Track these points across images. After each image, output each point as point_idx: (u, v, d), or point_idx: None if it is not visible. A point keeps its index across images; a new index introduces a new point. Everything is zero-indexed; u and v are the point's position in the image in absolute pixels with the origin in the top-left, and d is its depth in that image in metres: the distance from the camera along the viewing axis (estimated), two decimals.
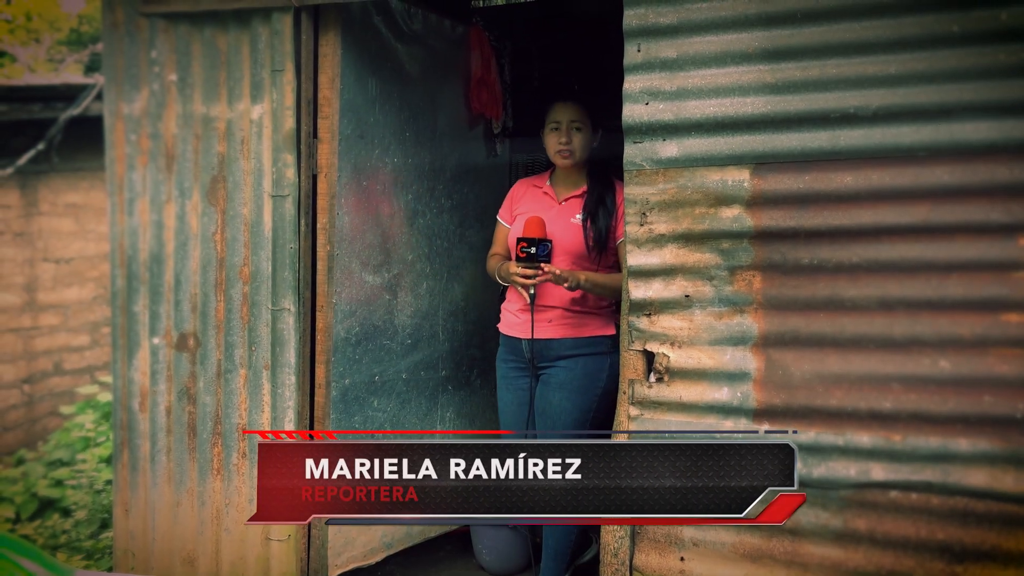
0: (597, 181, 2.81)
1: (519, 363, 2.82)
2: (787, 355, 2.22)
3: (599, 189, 2.79)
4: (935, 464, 2.09)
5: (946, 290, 2.08)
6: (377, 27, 2.99)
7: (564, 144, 2.76)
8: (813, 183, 2.17)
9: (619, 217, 2.73)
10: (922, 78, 2.07)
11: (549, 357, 2.75)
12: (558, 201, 2.82)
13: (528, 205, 2.85)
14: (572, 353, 2.73)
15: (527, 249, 2.58)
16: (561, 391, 2.72)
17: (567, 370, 2.73)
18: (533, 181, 2.94)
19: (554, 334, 2.74)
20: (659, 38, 2.29)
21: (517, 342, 2.80)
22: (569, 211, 2.79)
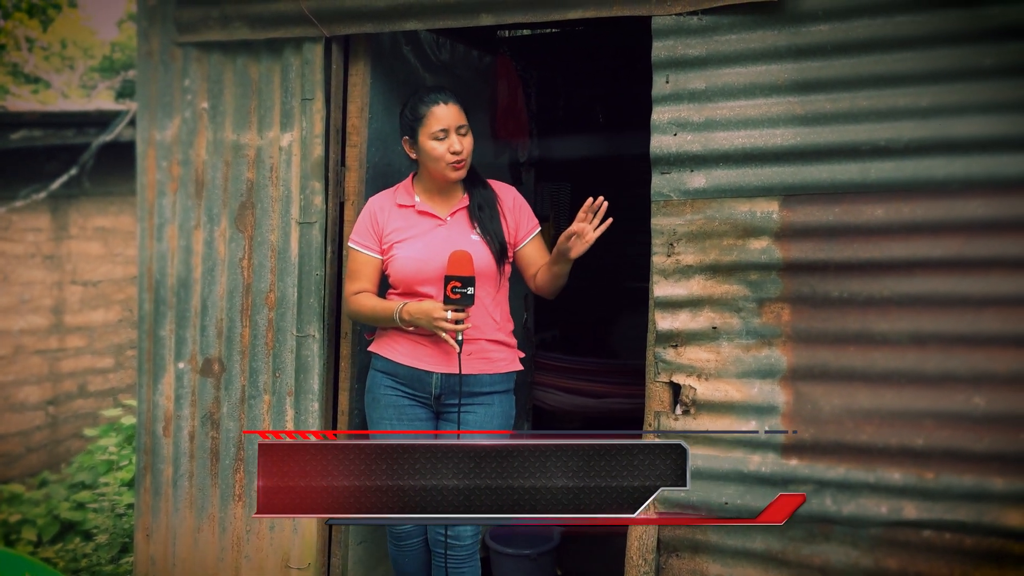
0: (473, 185, 2.51)
1: (418, 397, 2.46)
2: (816, 389, 2.18)
3: (479, 194, 2.49)
4: (970, 503, 2.04)
5: (981, 325, 2.04)
6: (406, 57, 3.02)
7: (457, 154, 2.38)
8: (843, 215, 2.15)
9: (515, 219, 2.51)
10: (955, 110, 2.06)
11: (465, 395, 2.40)
12: (443, 219, 2.47)
13: (405, 228, 2.46)
14: (489, 391, 2.45)
15: (461, 290, 2.23)
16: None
17: (486, 408, 2.44)
18: (393, 198, 2.52)
19: (471, 369, 2.39)
20: (688, 69, 2.30)
21: (423, 375, 2.43)
22: (461, 229, 2.46)
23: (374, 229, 2.49)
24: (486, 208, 2.47)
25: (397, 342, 2.46)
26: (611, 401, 4.23)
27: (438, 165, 2.40)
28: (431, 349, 2.41)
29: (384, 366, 2.49)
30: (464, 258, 2.25)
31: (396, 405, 2.47)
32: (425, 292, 2.40)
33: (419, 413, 2.47)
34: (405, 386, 2.46)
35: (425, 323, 2.30)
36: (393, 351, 2.47)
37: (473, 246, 2.38)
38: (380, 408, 2.49)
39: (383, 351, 2.49)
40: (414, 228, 2.46)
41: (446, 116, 2.38)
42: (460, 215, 2.48)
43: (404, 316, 2.34)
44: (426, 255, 2.40)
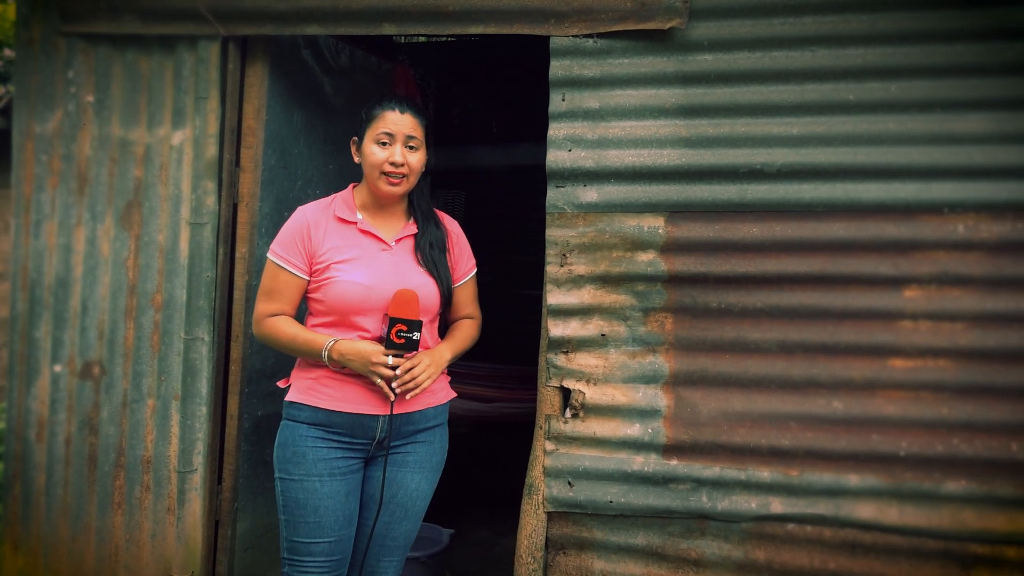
0: (423, 213, 2.27)
1: (355, 445, 2.15)
2: (695, 393, 2.34)
3: (431, 231, 2.25)
4: (828, 498, 2.24)
5: (840, 336, 2.25)
6: (305, 60, 3.01)
7: (397, 165, 2.13)
8: (722, 232, 2.32)
9: (455, 257, 2.30)
10: (820, 140, 2.26)
11: (406, 434, 2.19)
12: (389, 244, 2.19)
13: (346, 248, 2.16)
14: (433, 424, 2.24)
15: (407, 334, 2.04)
16: (420, 471, 2.22)
17: (426, 445, 2.23)
18: (329, 211, 2.21)
19: (416, 404, 2.18)
20: (583, 89, 2.41)
21: (366, 421, 2.14)
22: (407, 260, 2.19)
23: (304, 245, 2.16)
24: (436, 249, 2.23)
25: (328, 386, 2.14)
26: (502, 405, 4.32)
27: (372, 173, 2.15)
28: (372, 390, 2.13)
29: (312, 416, 2.14)
30: (411, 299, 2.06)
31: (327, 459, 2.13)
32: (361, 325, 2.12)
33: (351, 465, 2.16)
34: (341, 436, 2.14)
35: (359, 366, 2.07)
36: (325, 397, 2.13)
37: (421, 284, 2.15)
38: (307, 465, 2.12)
39: (311, 399, 2.14)
40: (356, 249, 2.16)
41: (396, 122, 2.14)
42: (406, 244, 2.22)
43: (334, 355, 2.08)
44: (373, 282, 2.11)
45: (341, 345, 2.09)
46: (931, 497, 2.18)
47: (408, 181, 2.17)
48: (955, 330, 2.18)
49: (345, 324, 2.13)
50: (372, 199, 2.21)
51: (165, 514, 2.79)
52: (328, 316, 2.15)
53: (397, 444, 2.18)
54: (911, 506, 2.19)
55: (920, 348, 2.20)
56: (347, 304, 2.11)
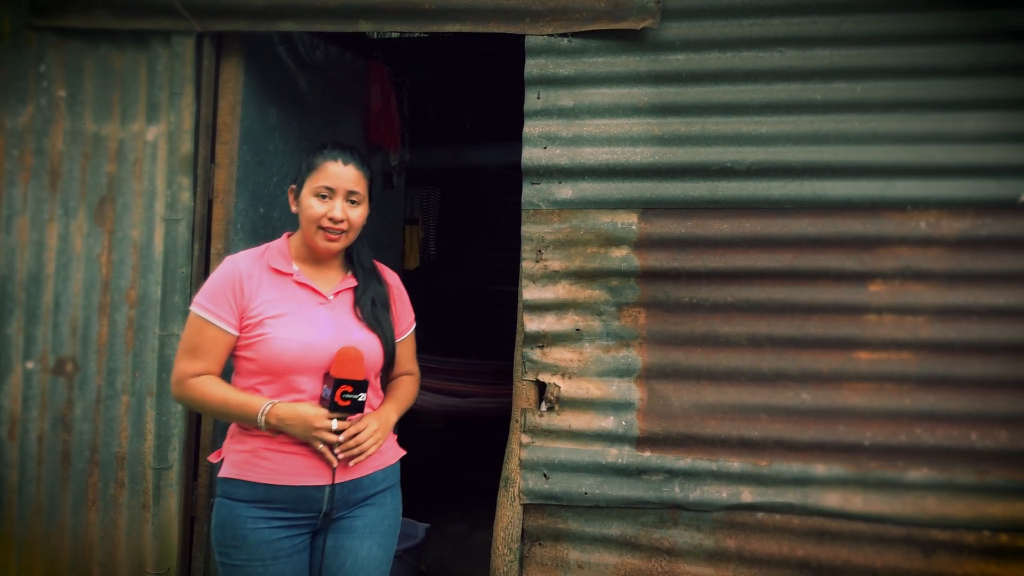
0: (364, 268, 2.10)
1: (300, 521, 1.95)
2: (668, 386, 2.39)
3: (373, 287, 2.09)
4: (796, 487, 2.30)
5: (807, 329, 2.31)
6: (280, 56, 3.02)
7: (336, 221, 1.97)
8: (694, 228, 2.37)
9: (397, 312, 2.13)
10: (789, 139, 2.32)
11: (355, 502, 2.00)
12: (327, 297, 2.02)
13: (281, 301, 1.97)
14: (382, 488, 2.06)
15: (352, 396, 1.88)
16: (371, 537, 2.01)
17: (376, 508, 2.03)
18: (262, 261, 2.02)
19: (363, 469, 1.99)
20: (558, 87, 2.45)
21: (311, 493, 1.93)
22: (347, 315, 2.02)
23: (235, 298, 1.94)
24: (379, 306, 2.07)
25: (265, 458, 1.92)
26: (476, 400, 4.36)
27: (310, 227, 1.97)
28: (315, 458, 1.93)
29: (250, 493, 1.92)
30: (357, 357, 1.89)
31: (270, 541, 1.92)
32: (297, 385, 1.93)
33: (297, 544, 1.96)
34: (284, 511, 1.93)
35: (300, 432, 1.88)
36: (264, 471, 1.92)
37: (363, 340, 1.98)
38: (248, 549, 1.91)
39: (247, 473, 1.93)
40: (292, 303, 1.97)
41: (338, 176, 1.97)
42: (344, 298, 2.05)
43: (271, 420, 1.88)
44: (311, 339, 1.93)
45: (279, 409, 1.88)
46: (894, 485, 2.25)
47: (347, 237, 2.01)
48: (917, 323, 2.26)
49: (280, 384, 1.93)
50: (308, 251, 2.04)
51: (140, 511, 2.79)
52: (260, 376, 1.94)
53: (345, 513, 1.99)
54: (875, 494, 2.26)
55: (884, 341, 2.27)
56: (283, 363, 1.91)
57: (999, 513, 2.20)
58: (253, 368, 1.95)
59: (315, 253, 2.03)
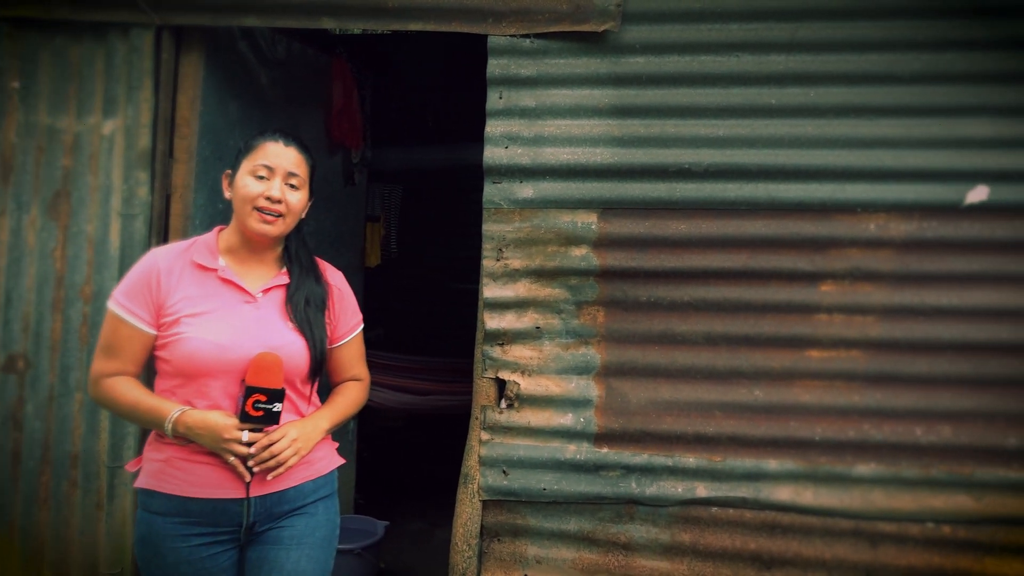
0: (301, 265, 1.96)
1: (221, 535, 1.81)
2: (625, 384, 2.43)
3: (308, 285, 1.94)
4: (749, 482, 2.35)
5: (761, 328, 2.37)
6: (241, 51, 3.00)
7: (274, 202, 1.84)
8: (652, 228, 2.41)
9: (337, 315, 2.00)
10: (744, 142, 2.37)
11: (280, 514, 1.85)
12: (253, 296, 1.88)
13: (201, 299, 1.83)
14: (313, 499, 1.91)
15: (266, 405, 1.75)
16: (299, 548, 1.86)
17: (307, 518, 1.89)
18: (186, 255, 1.88)
19: (288, 482, 1.85)
20: (520, 87, 2.47)
21: (229, 506, 1.80)
22: (274, 315, 1.88)
23: (152, 294, 1.82)
24: (313, 306, 1.92)
25: (179, 468, 1.80)
26: (435, 398, 4.36)
27: (244, 208, 1.84)
28: (226, 472, 1.79)
29: (166, 506, 1.79)
30: (273, 364, 1.76)
31: (191, 560, 1.79)
32: (212, 391, 1.80)
33: (223, 562, 1.83)
34: (203, 525, 1.80)
35: (209, 442, 1.75)
36: (178, 482, 1.79)
37: (288, 343, 1.84)
38: (167, 567, 1.80)
39: (163, 484, 1.80)
40: (212, 300, 1.84)
41: (278, 155, 1.86)
42: (275, 295, 1.90)
43: (180, 428, 1.76)
44: (228, 340, 1.79)
45: (189, 416, 1.76)
46: (843, 479, 2.32)
47: (284, 222, 1.87)
48: (866, 323, 2.33)
49: (193, 389, 1.80)
50: (241, 241, 1.89)
51: (94, 510, 2.75)
52: (175, 379, 1.81)
53: (270, 526, 1.85)
54: (825, 488, 2.32)
55: (834, 339, 2.34)
56: (195, 365, 1.77)
57: (942, 506, 2.28)
58: (169, 370, 1.82)
59: (249, 242, 1.89)
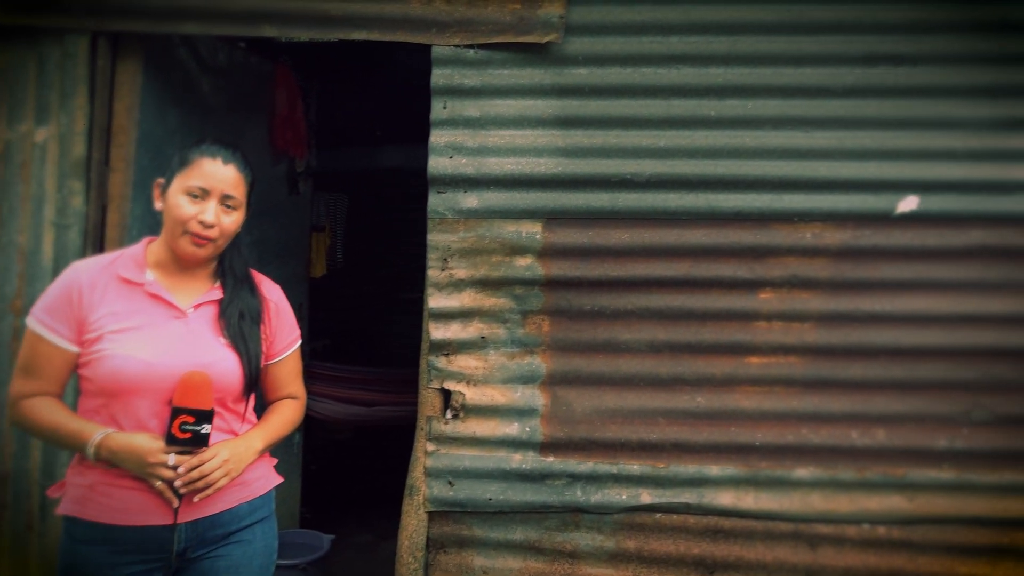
0: (235, 277, 1.87)
1: (149, 564, 1.71)
2: (570, 392, 2.44)
3: (242, 298, 1.86)
4: (692, 488, 2.39)
5: (703, 335, 2.41)
6: (181, 58, 2.94)
7: (207, 226, 1.75)
8: (596, 238, 2.44)
9: (273, 330, 1.91)
10: (685, 152, 2.41)
11: (214, 539, 1.76)
12: (183, 311, 1.78)
13: (126, 315, 1.72)
14: (249, 523, 1.81)
15: (194, 427, 1.65)
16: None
17: (243, 546, 1.79)
18: (111, 269, 1.78)
19: (220, 505, 1.75)
20: (464, 98, 2.48)
21: (158, 533, 1.69)
22: (205, 331, 1.78)
23: (74, 310, 1.71)
24: (248, 319, 1.84)
25: (105, 494, 1.69)
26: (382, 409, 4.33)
27: (175, 229, 1.74)
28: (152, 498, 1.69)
29: (90, 533, 1.68)
30: (201, 384, 1.67)
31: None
32: (138, 411, 1.69)
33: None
34: (131, 553, 1.69)
35: (133, 467, 1.65)
36: (103, 509, 1.68)
37: (220, 359, 1.76)
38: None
39: (87, 511, 1.69)
40: (139, 316, 1.73)
41: (215, 175, 1.75)
42: (206, 311, 1.81)
43: (103, 452, 1.65)
44: (155, 358, 1.69)
45: (112, 440, 1.65)
46: (783, 483, 2.36)
47: (216, 246, 1.78)
48: (803, 329, 2.38)
49: (118, 409, 1.70)
50: (171, 255, 1.80)
51: (24, 531, 2.65)
52: (99, 399, 1.71)
53: (205, 552, 1.76)
54: (765, 492, 2.37)
55: (773, 346, 2.39)
56: (120, 384, 1.67)
57: (876, 507, 2.34)
58: (92, 389, 1.71)
59: (181, 260, 1.80)
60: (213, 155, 1.77)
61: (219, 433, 1.77)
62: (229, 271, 1.87)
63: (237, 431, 1.83)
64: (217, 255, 1.84)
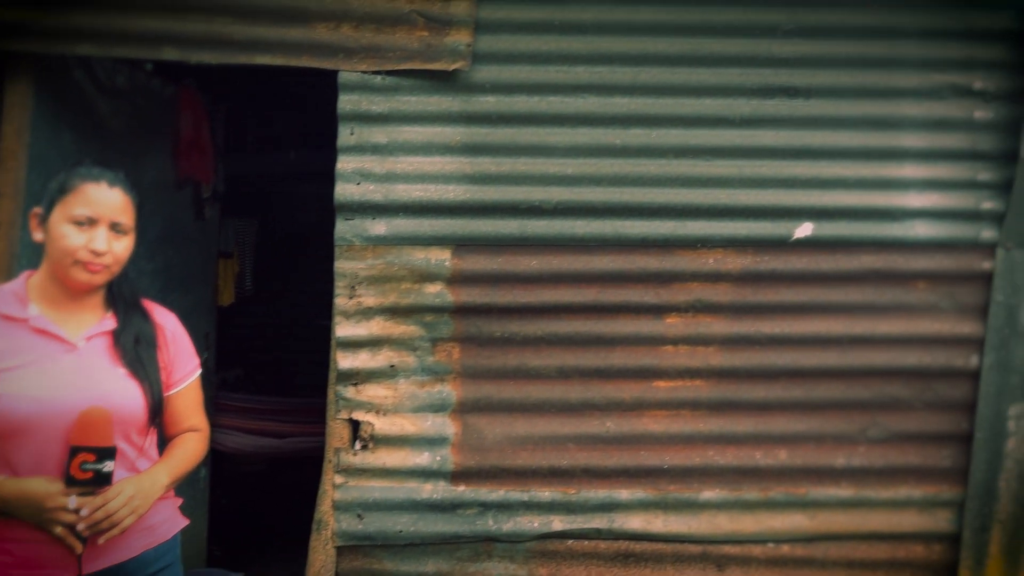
0: (125, 301, 1.79)
1: None
2: (481, 420, 2.43)
3: (135, 322, 1.78)
4: (603, 513, 2.40)
5: (611, 360, 2.43)
6: (77, 80, 2.83)
7: (98, 255, 1.66)
8: (505, 265, 2.44)
9: (170, 358, 1.83)
10: (591, 180, 2.45)
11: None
12: (73, 344, 1.68)
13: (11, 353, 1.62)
14: (156, 569, 1.73)
15: (95, 466, 1.55)
16: None
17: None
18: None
19: (126, 552, 1.66)
20: (371, 124, 2.46)
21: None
22: (101, 362, 1.69)
23: None
24: (144, 343, 1.76)
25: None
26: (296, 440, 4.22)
27: (63, 260, 1.64)
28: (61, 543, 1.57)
29: None
30: (100, 420, 1.57)
31: None
32: (32, 455, 1.59)
33: None
34: None
35: (30, 515, 1.54)
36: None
37: (120, 390, 1.67)
38: None
39: None
40: (25, 354, 1.62)
41: (101, 201, 1.66)
42: (99, 342, 1.71)
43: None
44: (48, 395, 1.59)
45: (3, 487, 1.55)
46: (690, 505, 2.40)
47: (110, 271, 1.70)
48: (708, 353, 2.44)
49: (12, 454, 1.59)
50: (57, 286, 1.69)
51: None
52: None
53: None
54: (674, 515, 2.40)
55: (679, 370, 2.43)
56: (9, 426, 1.56)
57: (780, 526, 2.40)
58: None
59: (69, 291, 1.70)
60: (96, 179, 1.68)
61: (121, 471, 1.66)
62: (119, 297, 1.79)
63: (139, 468, 1.73)
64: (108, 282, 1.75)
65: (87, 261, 1.65)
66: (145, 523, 1.68)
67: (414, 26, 2.44)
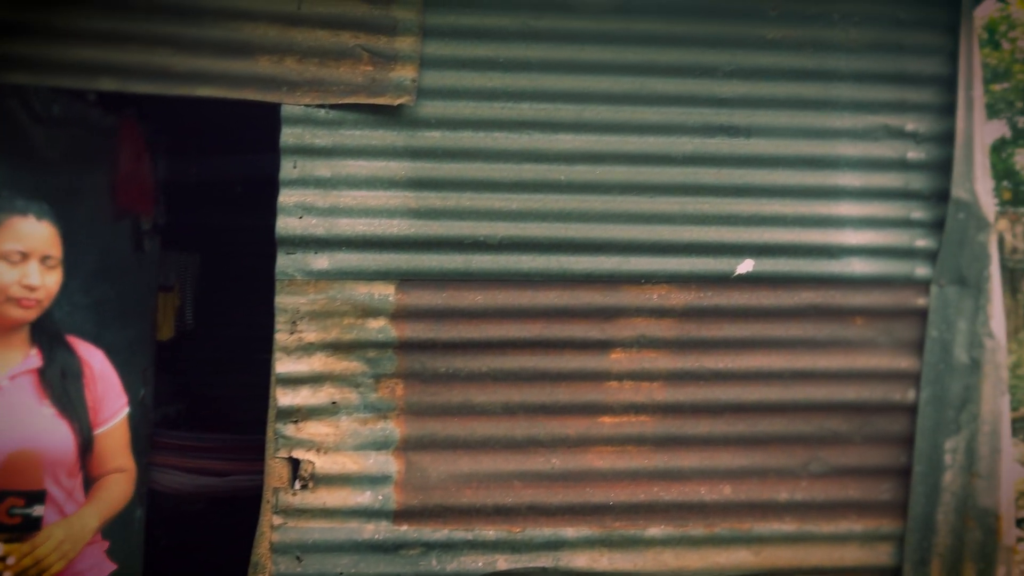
0: (49, 338, 1.77)
1: None
2: (425, 457, 2.39)
3: (61, 356, 1.76)
4: (548, 551, 2.37)
5: (557, 396, 2.42)
6: (10, 108, 2.76)
7: (31, 290, 1.66)
8: (449, 300, 2.42)
9: (98, 395, 1.80)
10: (536, 215, 2.45)
11: None
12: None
13: None
14: None
15: (24, 511, 1.55)
16: None
17: None
18: None
19: None
20: (314, 157, 2.43)
21: None
22: (27, 400, 1.67)
23: None
24: (70, 378, 1.73)
25: None
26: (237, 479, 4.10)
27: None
28: None
29: None
30: (28, 463, 1.54)
31: None
32: None
33: None
34: None
35: None
36: None
37: (49, 430, 1.64)
38: None
39: None
40: None
41: (30, 235, 1.65)
42: (26, 380, 1.68)
43: None
44: None
45: None
46: (636, 542, 2.39)
47: (42, 306, 1.69)
48: (652, 388, 2.44)
49: None
50: None
51: None
52: None
53: None
54: (619, 552, 2.38)
55: (625, 405, 2.43)
56: None
57: (725, 561, 2.40)
58: None
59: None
60: (23, 212, 1.67)
61: (50, 514, 1.62)
62: (44, 333, 1.76)
63: (68, 511, 1.67)
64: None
65: (20, 297, 1.64)
66: (73, 569, 1.63)
67: (359, 60, 2.43)
